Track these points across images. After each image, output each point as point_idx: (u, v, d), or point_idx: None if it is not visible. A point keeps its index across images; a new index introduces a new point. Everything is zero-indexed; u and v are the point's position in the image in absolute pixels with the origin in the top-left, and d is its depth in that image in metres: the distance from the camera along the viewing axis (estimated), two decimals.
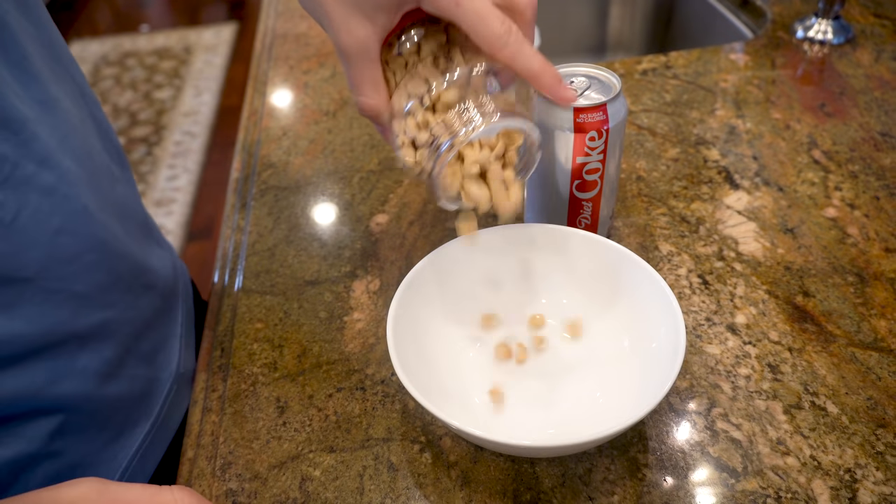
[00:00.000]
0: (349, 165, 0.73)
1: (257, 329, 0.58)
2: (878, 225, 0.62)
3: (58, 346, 0.48)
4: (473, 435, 0.43)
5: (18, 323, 0.45)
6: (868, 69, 0.81)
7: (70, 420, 0.50)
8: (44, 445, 0.49)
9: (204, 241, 2.25)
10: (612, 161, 0.54)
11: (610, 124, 0.52)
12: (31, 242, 0.45)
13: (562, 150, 0.53)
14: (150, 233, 0.62)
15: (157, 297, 0.59)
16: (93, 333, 0.51)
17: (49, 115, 0.48)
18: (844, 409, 0.49)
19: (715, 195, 0.66)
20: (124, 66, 3.25)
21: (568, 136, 0.52)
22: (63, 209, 0.47)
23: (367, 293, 0.60)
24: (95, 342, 0.51)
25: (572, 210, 0.56)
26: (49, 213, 0.46)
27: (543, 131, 0.52)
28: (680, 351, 0.45)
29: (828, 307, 0.56)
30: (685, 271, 0.59)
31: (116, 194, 0.55)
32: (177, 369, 0.61)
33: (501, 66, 0.46)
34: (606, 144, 0.53)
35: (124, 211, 0.56)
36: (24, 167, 0.45)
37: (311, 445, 0.50)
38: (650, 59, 0.86)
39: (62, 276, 0.48)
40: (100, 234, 0.50)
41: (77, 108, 0.52)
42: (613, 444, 0.48)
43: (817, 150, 0.71)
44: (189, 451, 0.50)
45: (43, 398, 0.48)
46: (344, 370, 0.54)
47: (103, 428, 0.53)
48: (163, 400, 0.59)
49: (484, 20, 0.42)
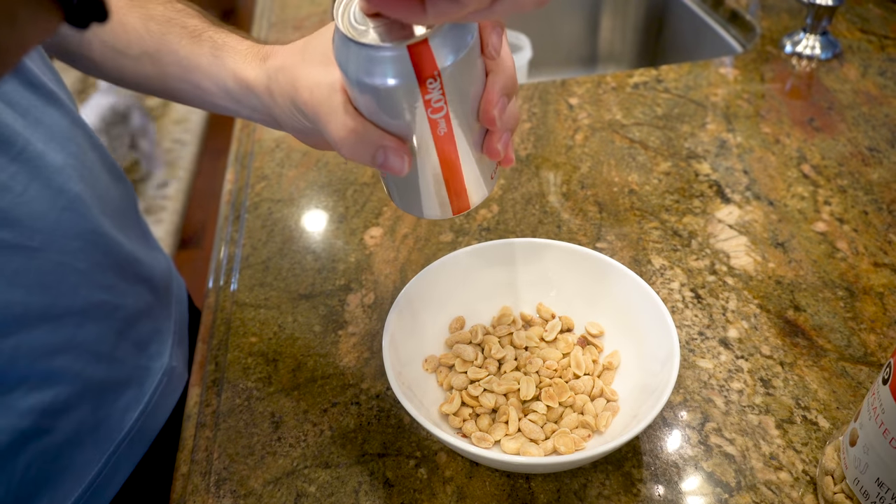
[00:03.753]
0: (343, 178, 0.73)
1: (252, 343, 0.58)
2: (867, 239, 0.63)
3: (57, 319, 0.50)
4: (468, 451, 0.43)
5: (20, 291, 0.47)
6: (855, 84, 0.82)
7: (62, 396, 0.51)
8: (34, 421, 0.50)
9: (194, 250, 2.23)
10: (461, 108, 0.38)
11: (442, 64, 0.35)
12: (40, 214, 0.47)
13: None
14: (144, 236, 0.64)
15: (150, 290, 0.61)
16: (90, 311, 0.52)
17: (49, 107, 0.50)
18: (836, 423, 0.50)
19: (706, 209, 0.67)
20: None
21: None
22: (68, 191, 0.49)
23: (361, 307, 0.60)
24: (91, 321, 0.53)
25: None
26: (57, 190, 0.49)
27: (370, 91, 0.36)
28: (674, 367, 0.45)
29: (818, 321, 0.56)
30: (678, 285, 0.60)
31: (111, 197, 0.56)
32: (168, 362, 0.62)
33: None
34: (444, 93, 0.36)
35: (119, 213, 0.57)
36: (35, 146, 0.47)
37: (307, 461, 0.49)
38: (641, 73, 0.87)
39: (65, 250, 0.50)
40: (96, 221, 0.52)
41: (66, 113, 0.53)
42: (608, 459, 0.48)
43: (806, 165, 0.71)
44: (183, 467, 0.50)
45: (39, 370, 0.49)
46: (339, 385, 0.54)
47: (95, 409, 0.54)
48: (153, 389, 0.60)
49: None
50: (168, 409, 0.62)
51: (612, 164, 0.73)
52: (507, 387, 0.50)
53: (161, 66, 0.48)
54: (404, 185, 0.41)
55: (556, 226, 0.66)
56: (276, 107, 0.43)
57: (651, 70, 0.87)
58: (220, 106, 0.48)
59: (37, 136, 0.48)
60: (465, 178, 0.40)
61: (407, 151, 0.38)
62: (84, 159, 0.52)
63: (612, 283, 0.53)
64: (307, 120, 0.41)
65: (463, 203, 0.42)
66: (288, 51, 0.42)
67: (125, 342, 0.57)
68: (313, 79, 0.39)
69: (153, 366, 0.61)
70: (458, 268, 0.55)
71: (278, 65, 0.42)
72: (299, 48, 0.42)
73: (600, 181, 0.71)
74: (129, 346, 0.57)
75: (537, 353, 0.53)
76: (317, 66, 0.39)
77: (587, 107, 0.82)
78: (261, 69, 0.44)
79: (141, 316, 0.59)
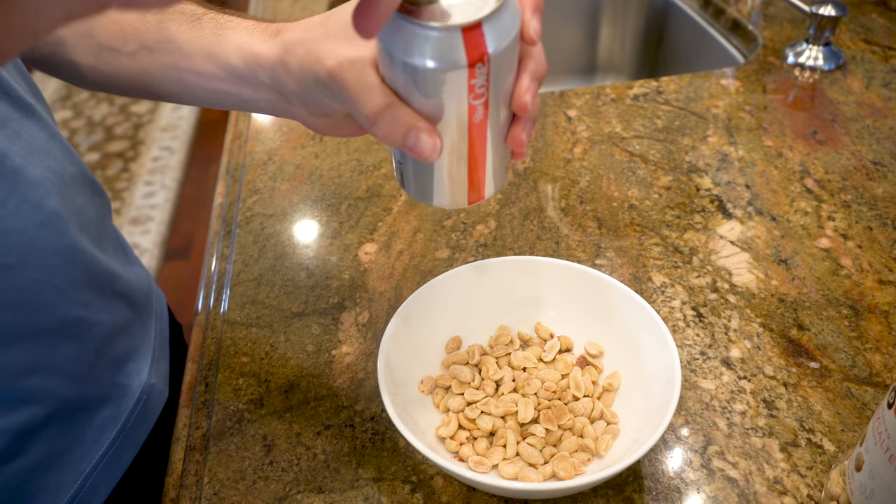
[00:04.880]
0: (336, 192, 0.72)
1: (243, 363, 0.56)
2: (872, 256, 0.62)
3: (32, 338, 0.49)
4: (465, 476, 0.42)
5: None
6: (859, 96, 0.81)
7: (36, 418, 0.50)
8: (6, 444, 0.48)
9: (182, 261, 2.21)
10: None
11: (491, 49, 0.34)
12: (17, 230, 0.46)
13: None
14: (123, 250, 0.62)
15: (129, 307, 0.59)
16: (66, 329, 0.51)
17: (28, 120, 0.49)
18: (841, 446, 0.48)
19: (708, 224, 0.66)
20: None
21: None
22: (46, 206, 0.48)
23: (355, 326, 0.59)
24: (67, 340, 0.51)
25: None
26: (35, 205, 0.47)
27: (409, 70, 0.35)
28: (675, 388, 0.44)
29: (822, 341, 0.55)
30: (679, 303, 0.59)
31: (88, 212, 0.55)
32: (147, 380, 0.60)
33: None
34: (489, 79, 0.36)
35: (96, 227, 0.56)
36: (13, 159, 0.46)
37: (299, 486, 0.48)
38: (641, 84, 0.86)
39: (43, 266, 0.48)
40: (74, 237, 0.51)
41: (44, 126, 0.52)
42: (608, 483, 0.47)
43: (810, 179, 0.70)
44: (171, 492, 0.49)
45: (12, 390, 0.48)
46: (332, 406, 0.53)
47: (69, 429, 0.53)
48: (131, 408, 0.58)
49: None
50: (147, 429, 0.61)
51: (611, 178, 0.72)
52: (504, 409, 0.49)
53: (159, 57, 0.46)
54: (422, 170, 0.40)
55: (555, 241, 0.65)
56: (292, 81, 0.41)
57: (651, 81, 0.86)
58: (220, 92, 0.46)
59: (15, 150, 0.46)
60: (487, 169, 0.40)
61: (439, 135, 0.37)
62: (62, 174, 0.51)
63: (611, 302, 0.52)
64: (331, 96, 0.40)
65: (479, 194, 0.41)
66: (305, 25, 0.41)
67: (102, 360, 0.55)
68: (341, 53, 0.38)
69: (131, 384, 0.59)
70: (455, 286, 0.54)
71: (296, 38, 0.40)
72: (319, 22, 0.40)
73: (599, 195, 0.70)
74: (106, 364, 0.56)
75: (535, 374, 0.52)
76: (342, 41, 0.38)
77: (586, 119, 0.81)
78: (273, 42, 0.42)
79: (119, 333, 0.57)
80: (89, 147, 2.72)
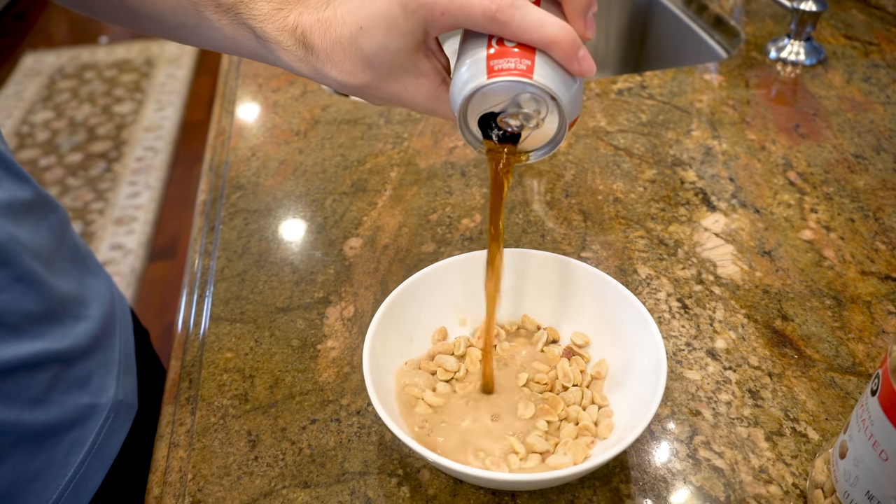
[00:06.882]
0: (321, 187, 0.72)
1: (227, 359, 0.56)
2: (854, 247, 0.62)
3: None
4: (452, 468, 0.42)
5: None
6: (840, 90, 0.82)
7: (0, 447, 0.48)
8: None
9: (167, 261, 2.19)
10: None
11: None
12: None
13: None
14: (83, 263, 0.60)
15: (92, 326, 0.57)
16: (23, 364, 0.49)
17: None
18: (825, 435, 0.49)
19: (692, 217, 0.66)
20: (82, 78, 3.16)
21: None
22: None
23: (341, 320, 0.58)
24: (25, 371, 0.49)
25: None
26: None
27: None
28: (661, 379, 0.44)
29: (806, 331, 0.55)
30: (664, 295, 0.59)
31: (42, 236, 0.53)
32: (115, 396, 0.58)
33: None
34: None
35: (51, 248, 0.54)
36: None
37: (285, 481, 0.48)
38: (625, 79, 0.86)
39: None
40: (26, 267, 0.49)
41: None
42: (595, 474, 0.47)
43: (792, 172, 0.71)
44: (155, 489, 0.48)
45: None
46: (318, 401, 0.52)
47: (32, 456, 0.51)
48: (99, 427, 0.56)
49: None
50: (116, 446, 0.58)
51: (596, 172, 0.72)
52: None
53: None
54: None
55: (541, 235, 0.65)
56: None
57: (635, 76, 0.87)
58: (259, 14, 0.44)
59: None
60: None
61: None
62: (11, 203, 0.49)
63: (597, 294, 0.52)
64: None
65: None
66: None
67: (64, 384, 0.53)
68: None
69: (98, 402, 0.56)
70: (441, 279, 0.54)
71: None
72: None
73: (585, 189, 0.70)
74: (68, 386, 0.53)
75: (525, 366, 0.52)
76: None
77: None
78: None
79: (81, 355, 0.55)
80: (71, 147, 2.70)
